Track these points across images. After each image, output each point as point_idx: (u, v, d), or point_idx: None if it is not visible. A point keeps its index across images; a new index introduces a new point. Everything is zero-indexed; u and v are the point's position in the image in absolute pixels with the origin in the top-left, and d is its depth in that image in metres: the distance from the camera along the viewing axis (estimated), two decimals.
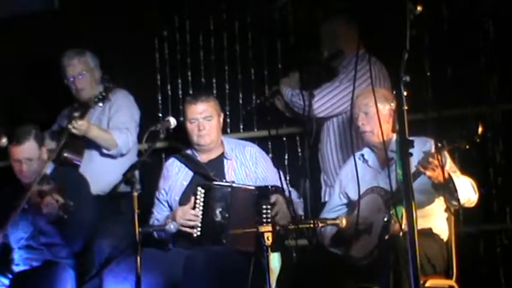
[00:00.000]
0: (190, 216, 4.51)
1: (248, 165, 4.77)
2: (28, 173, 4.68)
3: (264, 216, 4.35)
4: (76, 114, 5.03)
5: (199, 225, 4.52)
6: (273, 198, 4.46)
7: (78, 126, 4.99)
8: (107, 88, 5.15)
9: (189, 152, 4.87)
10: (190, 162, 4.80)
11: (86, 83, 5.31)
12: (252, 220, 4.29)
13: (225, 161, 4.78)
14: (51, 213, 4.49)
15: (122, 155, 5.22)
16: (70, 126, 4.98)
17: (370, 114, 4.32)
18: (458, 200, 4.12)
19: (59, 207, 4.45)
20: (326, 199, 4.99)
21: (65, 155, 5.10)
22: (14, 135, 4.74)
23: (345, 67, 5.07)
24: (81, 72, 5.28)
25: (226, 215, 4.51)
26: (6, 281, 4.62)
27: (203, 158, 4.81)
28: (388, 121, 4.30)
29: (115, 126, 5.24)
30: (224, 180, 4.63)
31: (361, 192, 4.08)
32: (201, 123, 4.73)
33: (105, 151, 5.21)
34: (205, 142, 4.76)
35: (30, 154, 4.70)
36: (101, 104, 5.12)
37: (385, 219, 4.09)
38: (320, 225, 4.10)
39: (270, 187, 4.50)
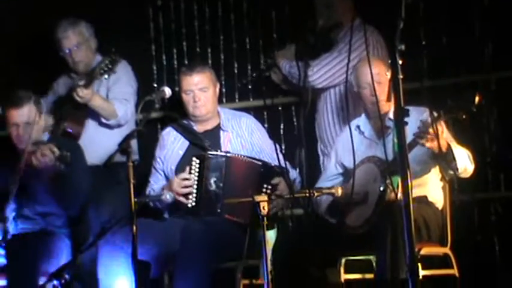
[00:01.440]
0: (186, 184, 4.52)
1: (244, 136, 4.77)
2: (25, 138, 4.66)
3: (264, 191, 4.38)
4: (81, 82, 5.01)
5: (195, 194, 4.53)
6: (275, 180, 4.47)
7: (84, 94, 4.98)
8: (112, 61, 5.10)
9: (185, 121, 4.87)
10: (186, 132, 4.80)
11: (82, 55, 5.29)
12: (247, 190, 4.30)
13: (221, 132, 4.78)
14: (47, 165, 4.47)
15: (120, 126, 5.22)
16: (74, 94, 4.97)
17: (382, 84, 4.25)
18: (456, 169, 4.13)
19: (56, 158, 4.44)
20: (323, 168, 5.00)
21: (66, 125, 5.10)
22: (13, 98, 4.71)
23: (342, 37, 5.05)
24: (77, 44, 5.25)
25: (221, 185, 4.52)
26: (2, 251, 4.62)
27: (199, 128, 4.81)
28: None
29: (114, 96, 5.22)
30: (220, 151, 4.63)
31: (357, 162, 4.08)
32: (196, 95, 4.72)
33: (103, 121, 5.20)
34: (200, 113, 4.75)
35: (29, 118, 4.68)
36: (106, 76, 5.09)
37: (381, 188, 4.10)
38: (315, 194, 4.10)
39: (276, 168, 4.50)
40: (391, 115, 4.23)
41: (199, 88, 4.73)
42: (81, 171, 4.69)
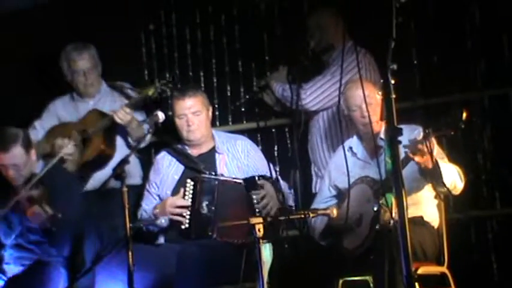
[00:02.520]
0: (180, 206, 4.51)
1: (240, 158, 4.76)
2: (16, 176, 4.62)
3: (256, 203, 4.37)
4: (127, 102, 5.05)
5: (188, 216, 4.52)
6: (260, 181, 4.47)
7: (124, 114, 5.00)
8: (169, 84, 5.13)
9: (179, 146, 4.87)
10: (181, 156, 4.80)
11: (95, 78, 5.32)
12: (240, 213, 4.29)
13: (216, 155, 4.77)
14: (38, 222, 4.46)
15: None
16: (116, 115, 4.99)
17: (373, 105, 4.27)
18: (444, 185, 4.13)
19: (47, 219, 4.42)
20: (317, 190, 4.99)
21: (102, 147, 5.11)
22: (0, 141, 4.61)
23: (335, 59, 5.06)
24: (91, 66, 5.29)
25: (213, 208, 4.51)
26: (1, 282, 4.59)
27: (194, 152, 4.80)
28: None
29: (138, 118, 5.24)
30: (214, 174, 4.62)
31: (351, 183, 4.07)
32: (190, 119, 4.72)
33: (131, 142, 5.20)
34: (195, 137, 4.75)
35: (17, 160, 4.60)
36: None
37: (375, 209, 4.09)
38: (311, 215, 4.09)
39: (256, 177, 4.50)
40: (382, 135, 4.24)
41: (192, 112, 4.72)
42: (73, 207, 4.63)
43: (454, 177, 4.19)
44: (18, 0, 6.00)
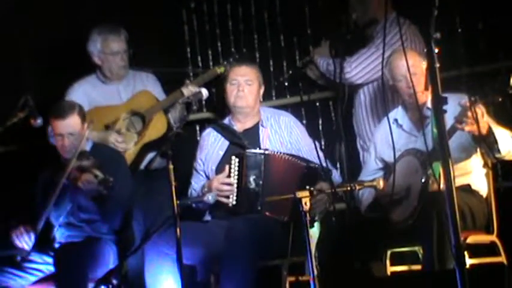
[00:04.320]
0: (225, 186, 4.53)
1: (283, 134, 4.77)
2: (70, 148, 4.67)
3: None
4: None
5: (235, 193, 4.54)
6: (318, 185, 4.44)
7: (192, 89, 5.06)
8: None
9: (225, 121, 4.90)
10: (226, 132, 4.82)
11: (127, 60, 5.31)
12: (288, 188, 4.29)
13: (260, 129, 4.79)
14: (91, 189, 4.52)
15: None
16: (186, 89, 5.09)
17: (418, 75, 4.24)
18: (499, 152, 4.08)
19: (99, 183, 4.46)
20: (363, 163, 4.97)
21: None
22: (58, 109, 4.69)
23: (379, 32, 5.02)
24: (125, 49, 5.28)
25: (260, 182, 4.52)
26: (49, 259, 4.67)
27: (238, 127, 4.83)
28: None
29: None
30: (258, 148, 4.64)
31: (397, 156, 4.05)
32: (241, 85, 4.76)
33: (173, 124, 5.22)
34: (241, 104, 4.77)
35: (73, 128, 4.67)
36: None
37: (423, 180, 4.06)
38: (357, 187, 4.08)
39: (320, 170, 4.48)
40: (429, 104, 4.20)
41: (245, 80, 4.78)
42: (123, 183, 4.69)
43: (508, 142, 4.13)
44: None
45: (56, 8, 5.88)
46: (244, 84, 4.77)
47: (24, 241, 4.63)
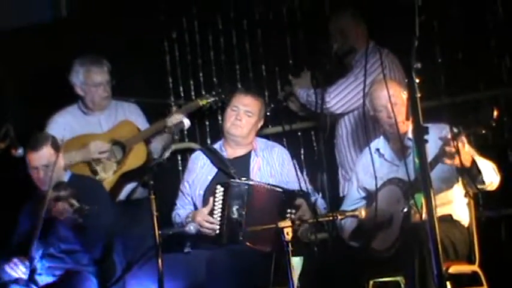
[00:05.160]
0: (208, 221, 4.52)
1: (274, 166, 4.78)
2: (45, 180, 4.67)
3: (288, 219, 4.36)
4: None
5: (218, 222, 4.53)
6: (298, 201, 4.48)
7: (176, 119, 5.04)
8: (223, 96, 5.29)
9: (216, 145, 4.90)
10: (215, 158, 4.82)
11: (109, 91, 5.29)
12: (270, 218, 4.29)
13: (252, 157, 4.79)
14: (66, 218, 4.50)
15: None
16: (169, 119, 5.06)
17: (398, 105, 4.25)
18: (483, 183, 4.09)
19: (74, 212, 4.45)
20: (345, 193, 4.97)
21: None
22: (31, 142, 4.70)
23: (358, 61, 5.05)
24: (107, 80, 5.25)
25: (243, 213, 4.51)
26: None
27: (229, 153, 4.82)
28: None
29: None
30: (244, 178, 4.63)
31: (379, 185, 4.06)
32: (240, 114, 4.76)
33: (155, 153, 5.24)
34: (235, 133, 4.77)
35: (47, 160, 4.67)
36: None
37: (405, 210, 4.07)
38: (339, 217, 4.08)
39: (297, 192, 4.51)
40: (410, 135, 4.21)
41: (246, 110, 4.77)
42: (103, 212, 4.66)
43: (491, 173, 4.14)
44: (41, 14, 6.06)
45: (38, 38, 5.88)
46: (243, 114, 4.76)
47: (21, 271, 4.58)
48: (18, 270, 4.58)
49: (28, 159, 4.71)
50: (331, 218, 4.08)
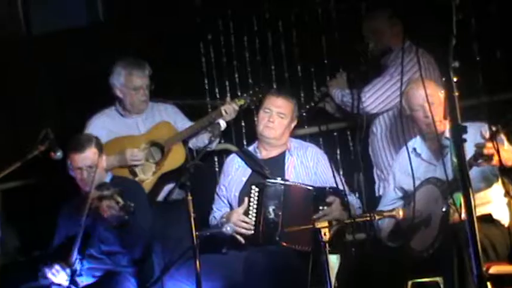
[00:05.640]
0: (244, 222, 4.54)
1: (308, 166, 4.78)
2: (89, 180, 4.71)
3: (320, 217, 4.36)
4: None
5: (253, 223, 4.54)
6: (330, 199, 4.47)
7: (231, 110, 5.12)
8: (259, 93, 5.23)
9: (251, 148, 4.92)
10: (249, 159, 4.84)
11: (147, 94, 5.33)
12: (306, 218, 4.29)
13: (286, 157, 4.80)
14: (112, 216, 4.53)
15: None
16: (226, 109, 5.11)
17: (435, 104, 4.23)
18: None
19: (120, 209, 4.49)
20: (380, 193, 4.96)
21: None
22: (76, 142, 4.74)
23: (393, 61, 5.03)
24: (147, 84, 5.28)
25: (279, 213, 4.52)
26: None
27: (264, 154, 4.84)
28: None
29: None
30: (279, 178, 4.63)
31: (416, 185, 4.04)
32: (272, 116, 4.77)
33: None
34: (268, 135, 4.78)
35: (91, 161, 4.72)
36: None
37: (444, 210, 4.04)
38: (377, 217, 4.07)
39: (327, 189, 4.52)
40: (447, 134, 4.18)
41: (278, 112, 4.78)
42: (143, 213, 4.71)
43: None
44: (78, 18, 6.12)
45: (75, 42, 5.94)
46: (276, 115, 4.77)
47: (62, 278, 4.62)
48: (59, 276, 4.62)
49: (71, 160, 4.75)
50: (368, 218, 4.07)
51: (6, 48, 6.13)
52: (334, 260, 4.39)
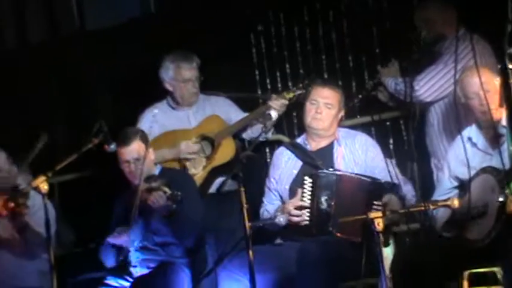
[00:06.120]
0: (299, 211, 4.53)
1: (357, 154, 4.76)
2: (137, 173, 4.76)
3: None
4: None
5: (307, 213, 4.53)
6: (386, 198, 4.43)
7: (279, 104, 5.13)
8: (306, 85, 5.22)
9: (299, 140, 4.91)
10: (299, 151, 4.83)
11: (197, 86, 5.36)
12: (358, 208, 4.27)
13: (334, 147, 4.78)
14: (160, 206, 4.58)
15: None
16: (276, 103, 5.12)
17: (491, 92, 4.16)
18: None
19: (168, 198, 4.54)
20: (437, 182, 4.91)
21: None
22: (122, 136, 4.82)
23: (447, 48, 4.98)
24: (196, 76, 5.33)
25: (332, 203, 4.51)
26: (126, 283, 4.73)
27: (313, 145, 4.82)
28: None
29: None
30: (331, 168, 4.62)
31: (472, 174, 3.99)
32: (320, 107, 4.76)
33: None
34: (316, 126, 4.77)
35: (138, 154, 4.78)
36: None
37: (500, 199, 3.98)
38: (431, 207, 4.03)
39: (386, 184, 4.48)
40: (504, 122, 4.12)
41: (325, 103, 4.76)
42: (194, 203, 4.75)
43: None
44: (130, 11, 6.18)
45: (127, 35, 6.00)
46: (323, 106, 4.76)
47: (125, 241, 4.71)
48: (120, 239, 4.70)
49: (119, 154, 4.82)
50: (423, 208, 4.03)
51: (61, 44, 6.22)
52: (388, 251, 4.37)
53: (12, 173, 4.99)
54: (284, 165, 4.85)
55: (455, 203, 4.06)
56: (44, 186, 4.26)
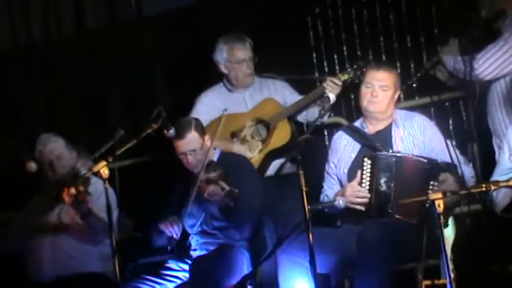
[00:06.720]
0: (359, 193, 4.51)
1: (416, 135, 4.71)
2: (195, 163, 4.78)
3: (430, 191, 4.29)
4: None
5: (366, 200, 4.52)
6: (442, 176, 4.39)
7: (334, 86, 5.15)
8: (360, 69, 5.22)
9: (357, 123, 4.88)
10: (357, 135, 4.80)
11: (252, 67, 5.37)
12: (417, 190, 4.24)
13: (393, 130, 4.74)
14: (217, 201, 4.60)
15: None
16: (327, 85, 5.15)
17: None
18: None
19: (225, 195, 4.55)
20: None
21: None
22: (176, 129, 4.75)
23: (508, 25, 4.89)
24: (250, 57, 5.33)
25: (391, 185, 4.48)
26: (186, 266, 4.78)
27: (370, 128, 4.79)
28: None
29: None
30: (391, 150, 4.59)
31: None
32: (375, 90, 4.70)
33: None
34: (373, 109, 4.73)
35: (194, 145, 4.78)
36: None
37: None
38: (492, 188, 3.97)
39: (440, 163, 4.43)
40: None
41: (380, 85, 4.71)
42: (253, 191, 4.74)
43: None
44: None
45: (182, 21, 6.04)
46: (378, 89, 4.70)
47: (174, 231, 4.74)
48: (172, 230, 4.73)
49: (175, 146, 4.82)
50: (484, 189, 3.98)
51: (119, 29, 6.29)
52: (449, 232, 4.33)
53: (72, 159, 5.09)
54: (343, 149, 4.82)
55: None
56: (105, 171, 4.23)
